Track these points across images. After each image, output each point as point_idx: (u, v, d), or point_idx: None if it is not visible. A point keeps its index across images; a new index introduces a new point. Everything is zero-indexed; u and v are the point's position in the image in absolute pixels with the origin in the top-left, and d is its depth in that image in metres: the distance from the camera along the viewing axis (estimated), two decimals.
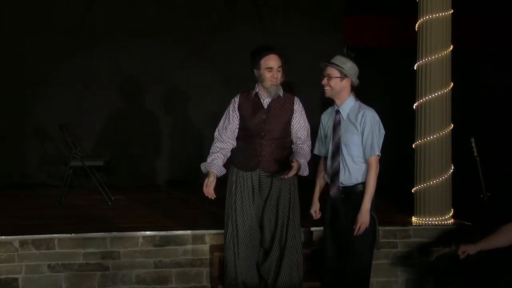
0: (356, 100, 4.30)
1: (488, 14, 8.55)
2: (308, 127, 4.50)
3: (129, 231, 5.15)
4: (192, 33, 8.29)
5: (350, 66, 4.21)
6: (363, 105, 4.27)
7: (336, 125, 4.28)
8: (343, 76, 4.21)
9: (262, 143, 4.40)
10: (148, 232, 5.11)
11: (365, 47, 8.20)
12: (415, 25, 5.56)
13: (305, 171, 4.36)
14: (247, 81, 7.69)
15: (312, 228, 5.14)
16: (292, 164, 4.17)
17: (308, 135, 4.48)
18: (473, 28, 8.52)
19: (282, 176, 4.29)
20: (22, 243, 4.95)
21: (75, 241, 5.01)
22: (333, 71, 4.22)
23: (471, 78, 8.14)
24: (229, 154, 4.50)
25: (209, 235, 5.15)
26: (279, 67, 4.34)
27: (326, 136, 4.40)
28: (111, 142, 8.26)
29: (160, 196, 7.47)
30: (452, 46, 5.48)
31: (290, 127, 4.47)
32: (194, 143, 8.42)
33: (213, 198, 4.29)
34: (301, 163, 4.25)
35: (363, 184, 4.21)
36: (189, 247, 5.12)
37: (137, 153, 8.34)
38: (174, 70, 8.30)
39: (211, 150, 4.47)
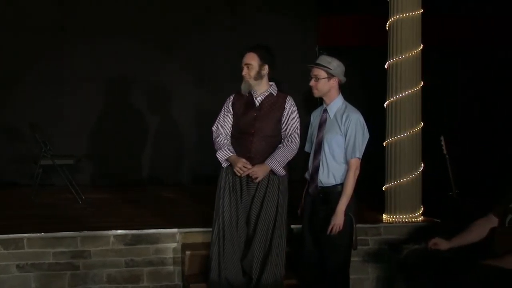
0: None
1: (459, 14, 8.68)
2: (297, 125, 4.53)
3: (100, 230, 5.10)
4: (167, 31, 8.28)
5: (336, 65, 4.24)
6: (349, 106, 4.31)
7: (322, 124, 4.31)
8: (330, 76, 4.23)
9: (252, 141, 4.45)
10: (119, 231, 5.08)
11: (337, 47, 8.25)
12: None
13: (279, 172, 4.44)
14: (223, 79, 7.73)
15: (292, 226, 5.15)
16: (249, 169, 4.36)
17: (293, 134, 4.51)
18: (444, 28, 8.63)
19: (251, 179, 4.41)
20: None
21: (44, 240, 4.95)
22: (320, 72, 4.24)
23: (441, 77, 8.24)
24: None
25: (181, 234, 5.13)
26: (250, 64, 4.44)
27: (313, 134, 4.43)
28: (84, 141, 8.20)
29: (132, 195, 7.41)
30: (422, 46, 5.54)
31: (281, 125, 4.52)
32: (166, 142, 8.40)
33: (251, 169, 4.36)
34: (271, 165, 4.39)
35: (343, 185, 4.24)
36: (160, 245, 5.09)
37: (110, 152, 8.30)
38: (149, 68, 8.25)
39: (219, 144, 4.51)
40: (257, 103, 4.51)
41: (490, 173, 7.98)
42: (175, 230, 5.14)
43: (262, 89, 4.52)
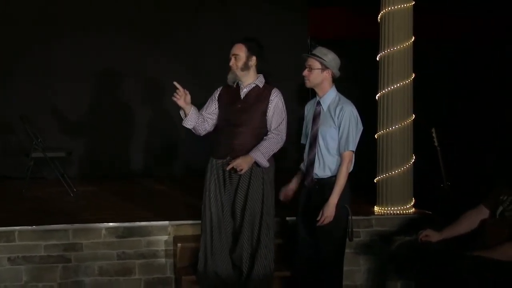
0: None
1: (450, 10, 8.71)
2: (282, 118, 4.49)
3: (92, 222, 5.09)
4: (157, 25, 8.25)
5: (331, 58, 4.23)
6: (343, 99, 4.30)
7: (316, 117, 4.30)
8: (324, 67, 4.22)
9: (236, 132, 4.43)
10: (111, 224, 5.07)
11: (329, 39, 8.25)
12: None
13: (263, 163, 4.41)
14: (213, 73, 7.71)
15: (287, 218, 5.15)
16: (230, 162, 4.35)
17: (279, 126, 4.47)
18: (436, 21, 8.65)
19: (228, 168, 4.39)
20: None
21: (36, 233, 4.93)
22: (314, 63, 4.23)
23: (433, 69, 8.27)
24: (205, 124, 4.55)
25: (173, 226, 5.13)
26: (237, 55, 4.43)
27: (307, 127, 4.42)
28: (75, 134, 8.16)
29: (123, 188, 7.41)
30: (413, 38, 5.54)
31: (266, 117, 4.49)
32: (158, 135, 8.39)
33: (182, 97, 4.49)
34: (255, 157, 4.36)
35: None
36: (152, 238, 5.09)
37: (101, 145, 8.28)
38: (141, 61, 8.23)
39: None
40: (242, 95, 4.49)
41: (481, 165, 8.02)
42: (166, 222, 5.14)
43: (249, 81, 4.49)
